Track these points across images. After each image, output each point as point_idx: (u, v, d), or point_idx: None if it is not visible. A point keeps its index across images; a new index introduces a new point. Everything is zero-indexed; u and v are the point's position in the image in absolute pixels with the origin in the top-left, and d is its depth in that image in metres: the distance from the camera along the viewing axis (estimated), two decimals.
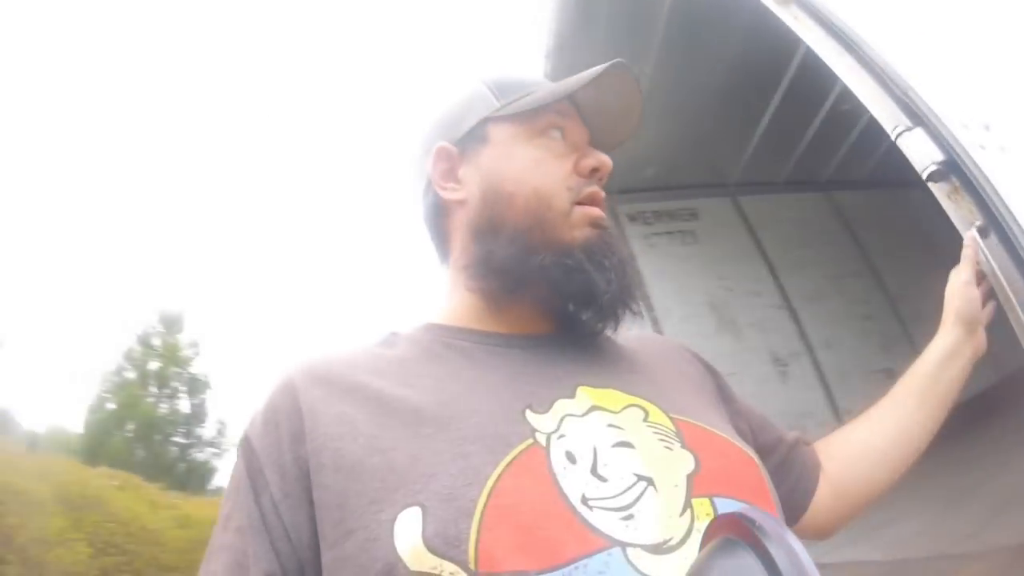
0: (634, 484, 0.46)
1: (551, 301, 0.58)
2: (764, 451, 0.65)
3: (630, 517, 0.44)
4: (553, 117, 0.61)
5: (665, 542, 0.43)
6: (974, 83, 0.90)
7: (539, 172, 0.59)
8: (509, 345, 0.58)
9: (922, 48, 0.96)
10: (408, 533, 0.42)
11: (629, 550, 0.42)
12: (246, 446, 0.53)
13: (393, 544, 0.42)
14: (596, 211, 0.59)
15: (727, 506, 0.46)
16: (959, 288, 0.74)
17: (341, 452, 0.48)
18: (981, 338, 0.75)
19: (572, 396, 0.52)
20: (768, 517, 0.33)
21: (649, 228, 3.26)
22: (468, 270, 0.61)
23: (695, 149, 3.28)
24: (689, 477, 0.47)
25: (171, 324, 14.37)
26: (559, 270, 0.56)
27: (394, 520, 0.43)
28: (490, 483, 0.43)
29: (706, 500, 0.46)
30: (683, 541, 0.43)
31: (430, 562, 0.41)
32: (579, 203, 0.59)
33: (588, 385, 0.54)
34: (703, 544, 0.38)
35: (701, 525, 0.44)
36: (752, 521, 0.33)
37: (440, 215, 0.64)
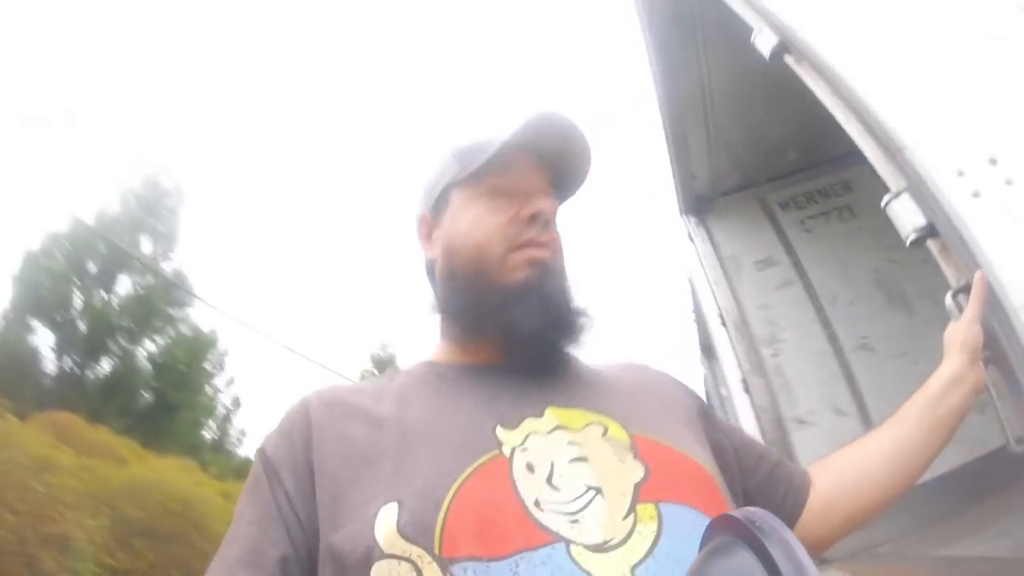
0: (584, 493, 0.53)
1: (506, 336, 0.66)
2: (747, 469, 0.72)
3: (576, 521, 0.50)
4: (497, 177, 0.70)
5: (606, 542, 0.49)
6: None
7: (478, 226, 0.68)
8: (489, 373, 0.67)
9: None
10: (385, 523, 0.50)
11: (572, 547, 0.48)
12: (262, 454, 0.63)
13: (373, 532, 0.50)
14: (531, 252, 0.67)
15: (671, 510, 0.53)
16: (964, 323, 0.76)
17: (340, 463, 0.58)
18: (981, 371, 0.76)
19: (540, 415, 0.60)
20: (767, 517, 0.35)
21: (803, 212, 3.09)
22: (441, 316, 0.73)
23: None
24: (636, 485, 0.54)
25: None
26: (501, 310, 0.65)
27: (376, 513, 0.51)
28: (457, 483, 0.52)
29: (651, 505, 0.53)
30: (623, 541, 0.49)
31: (401, 546, 0.49)
32: (518, 248, 0.67)
33: (556, 405, 0.62)
34: (703, 543, 0.43)
35: (643, 527, 0.51)
36: (751, 521, 0.35)
37: (429, 272, 0.77)
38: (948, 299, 0.80)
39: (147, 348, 13.11)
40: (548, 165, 0.72)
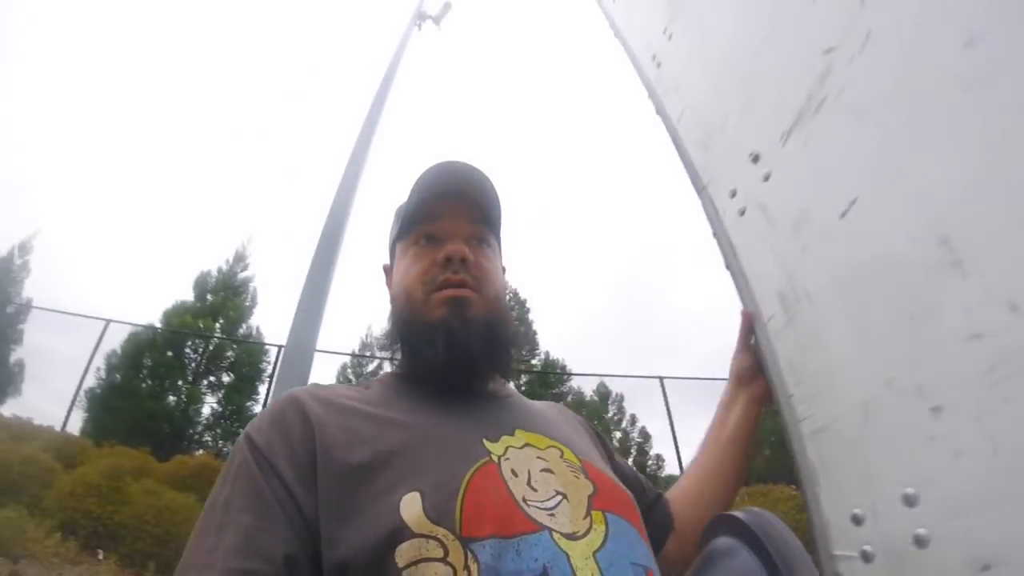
0: (555, 496, 0.64)
1: (435, 367, 0.73)
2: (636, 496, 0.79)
3: (553, 515, 0.61)
4: (421, 228, 0.80)
5: (575, 533, 0.61)
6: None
7: (407, 275, 0.79)
8: (464, 396, 0.75)
9: None
10: (412, 508, 0.58)
11: (553, 533, 0.59)
12: (249, 442, 0.64)
13: (400, 515, 0.57)
14: (446, 293, 0.75)
15: (612, 518, 0.65)
16: (733, 355, 0.89)
17: (349, 453, 0.63)
18: (760, 385, 0.85)
19: (512, 434, 0.71)
20: (768, 517, 0.36)
21: None
22: (393, 349, 0.82)
23: None
24: (589, 497, 0.66)
25: None
26: (427, 345, 0.73)
27: (399, 500, 0.58)
28: (466, 480, 0.61)
29: (600, 512, 0.65)
30: (585, 534, 0.61)
31: (428, 527, 0.57)
32: (436, 289, 0.76)
33: (521, 428, 0.73)
34: (702, 542, 0.47)
35: (596, 527, 0.63)
36: (751, 521, 0.35)
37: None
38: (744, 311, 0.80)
39: None
40: (463, 206, 0.81)
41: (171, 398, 9.76)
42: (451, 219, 0.80)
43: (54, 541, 4.85)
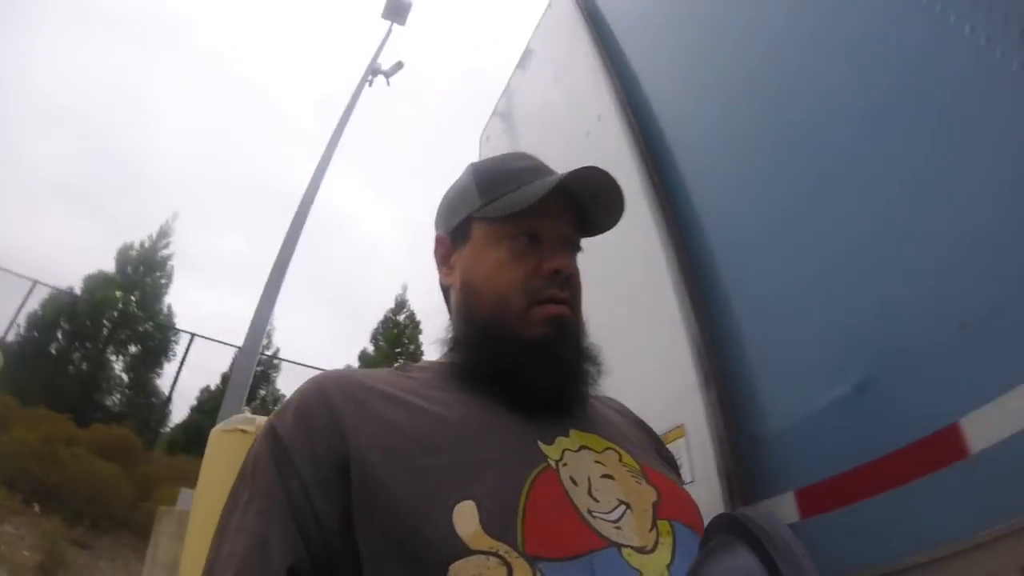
0: (618, 505, 0.59)
1: (519, 387, 0.65)
2: None
3: (619, 528, 0.57)
4: (523, 222, 0.69)
5: (644, 547, 0.56)
6: None
7: (501, 274, 0.68)
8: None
9: None
10: (467, 521, 0.52)
11: (623, 549, 0.55)
12: (271, 435, 0.60)
13: (453, 528, 0.51)
14: (550, 310, 0.67)
15: (679, 527, 0.61)
16: None
17: (391, 450, 0.57)
18: None
19: (567, 435, 0.64)
20: (768, 517, 0.37)
21: None
22: (453, 343, 0.74)
23: None
24: (654, 505, 0.61)
25: None
26: (517, 363, 0.65)
27: (451, 510, 0.52)
28: (525, 489, 0.55)
29: (666, 522, 0.60)
30: (654, 548, 0.57)
31: (488, 543, 0.51)
32: (538, 304, 0.67)
33: (576, 429, 0.66)
34: (704, 542, 0.48)
35: (664, 539, 0.58)
36: (750, 520, 0.37)
37: (443, 293, 0.79)
38: None
39: None
40: (575, 207, 0.73)
41: (84, 365, 10.51)
42: (561, 226, 0.72)
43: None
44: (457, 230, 0.75)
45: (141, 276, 11.82)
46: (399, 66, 8.90)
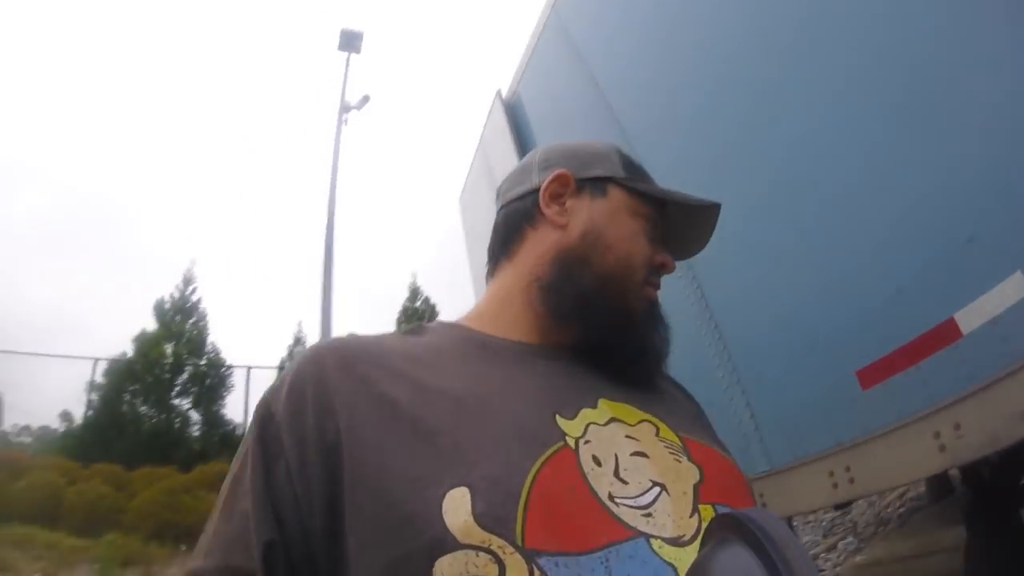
0: (651, 488, 0.52)
1: (595, 338, 0.66)
2: None
3: (649, 515, 0.50)
4: (659, 212, 0.74)
5: (680, 537, 0.49)
6: None
7: (634, 244, 0.70)
8: (538, 355, 0.65)
9: None
10: (458, 510, 0.46)
11: (652, 540, 0.48)
12: (264, 411, 0.57)
13: (442, 518, 0.45)
14: (652, 292, 0.71)
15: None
16: None
17: (383, 431, 0.52)
18: None
19: (595, 406, 0.58)
20: (768, 517, 0.36)
21: None
22: (539, 283, 0.69)
23: None
24: (696, 487, 0.55)
25: None
26: (618, 324, 0.67)
27: (442, 497, 0.46)
28: (531, 475, 0.48)
29: (710, 507, 0.53)
30: (694, 538, 0.50)
31: (480, 536, 0.45)
32: (647, 283, 0.71)
33: (607, 398, 0.60)
34: (704, 542, 0.43)
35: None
36: (750, 520, 0.36)
37: (525, 220, 0.73)
38: None
39: None
40: (673, 233, 0.76)
41: (156, 417, 11.26)
42: (664, 230, 0.75)
43: (151, 548, 6.65)
44: (590, 182, 0.74)
45: (180, 324, 12.38)
46: (366, 99, 9.16)
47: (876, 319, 1.40)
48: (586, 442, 0.54)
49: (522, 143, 3.64)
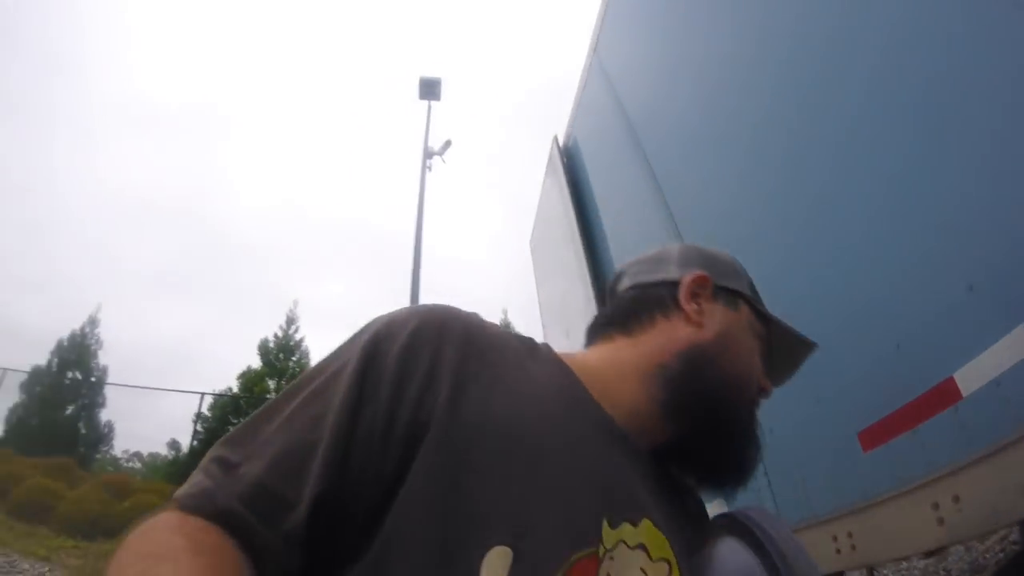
0: None
1: (697, 438, 0.66)
2: None
3: None
4: (768, 338, 0.78)
5: None
6: None
7: (753, 361, 0.74)
8: (626, 443, 0.62)
9: None
10: (494, 569, 0.45)
11: None
12: (372, 349, 0.53)
13: (479, 571, 0.45)
14: (755, 410, 0.74)
15: None
16: None
17: (474, 441, 0.50)
18: None
19: (636, 524, 0.55)
20: (769, 517, 0.36)
21: None
22: (665, 372, 0.68)
23: None
24: None
25: None
26: (726, 431, 0.68)
27: (485, 551, 0.46)
28: (562, 571, 0.47)
29: None
30: None
31: None
32: (752, 401, 0.73)
33: (652, 520, 0.57)
34: (704, 542, 0.45)
35: None
36: (750, 520, 0.36)
37: (658, 307, 0.74)
38: None
39: None
40: (769, 359, 0.79)
41: None
42: (774, 357, 0.79)
43: None
44: (726, 292, 0.76)
45: (284, 362, 13.24)
46: (448, 144, 9.27)
47: (876, 377, 1.32)
48: (610, 558, 0.52)
49: (578, 190, 3.75)
